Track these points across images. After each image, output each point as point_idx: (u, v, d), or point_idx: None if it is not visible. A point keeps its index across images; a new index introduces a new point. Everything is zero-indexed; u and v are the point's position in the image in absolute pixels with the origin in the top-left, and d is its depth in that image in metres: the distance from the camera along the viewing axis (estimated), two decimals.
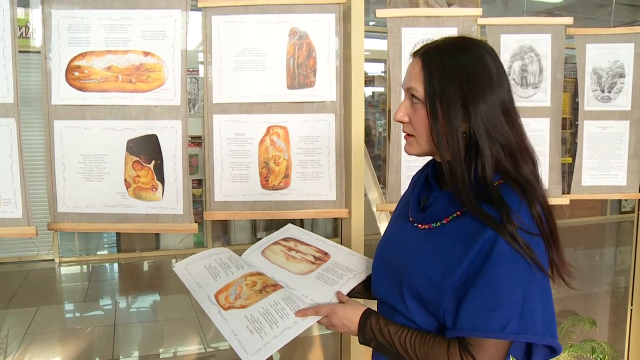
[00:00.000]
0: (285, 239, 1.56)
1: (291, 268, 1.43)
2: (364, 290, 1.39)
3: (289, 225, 1.63)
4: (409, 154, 1.19)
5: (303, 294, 1.32)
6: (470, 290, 1.03)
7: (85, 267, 5.94)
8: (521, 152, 1.09)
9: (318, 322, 1.25)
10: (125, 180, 1.99)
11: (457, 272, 1.05)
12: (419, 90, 1.10)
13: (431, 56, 1.11)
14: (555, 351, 1.09)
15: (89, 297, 4.99)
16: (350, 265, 1.43)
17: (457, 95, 1.06)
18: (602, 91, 2.49)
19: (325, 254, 1.48)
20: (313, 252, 1.49)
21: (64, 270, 5.81)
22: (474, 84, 1.06)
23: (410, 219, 1.22)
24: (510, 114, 1.09)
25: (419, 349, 1.09)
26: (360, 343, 1.22)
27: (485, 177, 1.06)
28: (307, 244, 1.53)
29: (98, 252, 6.31)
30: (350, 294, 1.36)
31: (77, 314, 4.73)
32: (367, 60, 7.11)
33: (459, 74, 1.07)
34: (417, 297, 1.12)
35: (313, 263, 1.44)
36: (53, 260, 5.88)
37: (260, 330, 1.20)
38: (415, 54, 1.15)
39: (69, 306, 4.91)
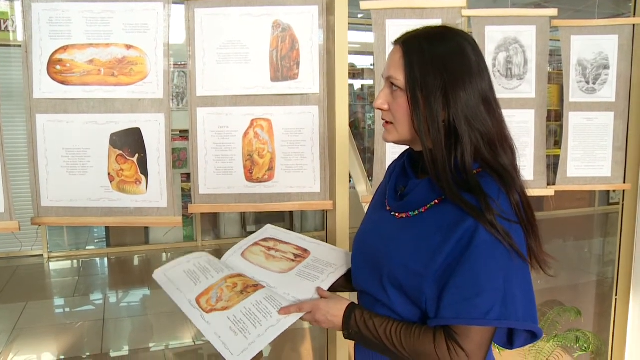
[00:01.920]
0: (264, 240, 1.55)
1: (271, 267, 1.42)
2: (345, 283, 1.39)
3: (268, 225, 1.61)
4: (387, 141, 1.19)
5: (285, 292, 1.32)
6: (452, 279, 1.04)
7: (74, 262, 5.92)
8: (500, 142, 1.10)
9: (302, 319, 1.23)
10: (108, 173, 1.98)
11: (438, 260, 1.06)
12: (399, 78, 1.11)
13: (412, 44, 1.11)
14: (536, 336, 1.11)
15: (78, 292, 4.98)
16: (330, 260, 1.42)
17: (437, 83, 1.07)
18: (587, 82, 2.50)
19: (305, 250, 1.48)
20: (293, 250, 1.49)
21: (53, 265, 5.79)
22: (454, 72, 1.07)
23: (388, 208, 1.22)
24: (490, 103, 1.10)
25: (405, 340, 1.09)
26: (345, 338, 1.21)
27: (465, 165, 1.07)
28: (286, 243, 1.53)
29: (87, 247, 6.29)
30: (333, 288, 1.35)
31: (67, 309, 4.72)
32: (356, 52, 7.12)
33: (439, 63, 1.07)
34: (398, 287, 1.12)
35: (293, 260, 1.44)
36: (42, 255, 5.85)
37: (244, 331, 1.20)
38: (396, 42, 1.15)
39: (58, 301, 4.90)
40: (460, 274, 1.03)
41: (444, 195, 1.09)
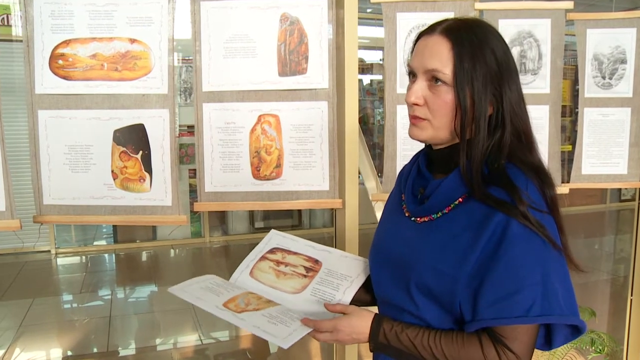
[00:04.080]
0: (271, 251, 1.46)
1: (284, 287, 1.34)
2: (361, 296, 1.30)
3: (272, 232, 1.52)
4: (418, 139, 1.12)
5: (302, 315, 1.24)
6: (487, 277, 0.98)
7: (82, 258, 5.91)
8: (533, 140, 1.09)
9: (321, 340, 1.15)
10: (112, 171, 1.94)
11: (470, 260, 1.00)
12: (446, 72, 1.03)
13: (460, 35, 1.04)
14: (579, 331, 1.05)
15: (85, 288, 4.96)
16: (344, 271, 1.34)
17: (487, 78, 1.02)
18: (603, 77, 2.43)
19: (316, 261, 1.40)
20: (303, 262, 1.40)
21: (61, 261, 5.78)
22: (503, 66, 1.04)
23: (407, 214, 1.16)
24: (524, 100, 1.08)
25: (447, 349, 1.03)
26: (372, 351, 1.14)
27: (500, 159, 1.04)
28: (295, 253, 1.44)
29: (95, 243, 6.28)
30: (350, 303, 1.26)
31: (74, 305, 4.71)
32: (365, 47, 7.05)
33: (491, 56, 1.03)
34: (428, 293, 1.06)
35: (305, 276, 1.36)
36: (49, 251, 5.84)
37: (283, 322, 1.14)
38: (435, 32, 1.06)
39: (65, 297, 4.89)
40: (496, 271, 0.98)
41: (468, 192, 1.04)
